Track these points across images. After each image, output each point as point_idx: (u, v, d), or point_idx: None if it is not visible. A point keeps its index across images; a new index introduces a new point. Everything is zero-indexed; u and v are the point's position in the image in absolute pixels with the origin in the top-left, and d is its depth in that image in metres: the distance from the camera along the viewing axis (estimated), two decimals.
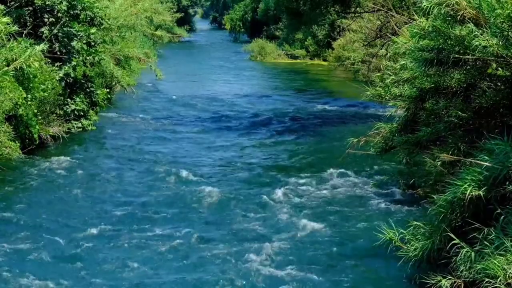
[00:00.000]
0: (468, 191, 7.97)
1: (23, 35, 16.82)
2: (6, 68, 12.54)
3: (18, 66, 12.65)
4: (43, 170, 15.29)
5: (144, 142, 19.23)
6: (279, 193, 13.63)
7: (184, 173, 15.22)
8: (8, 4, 17.69)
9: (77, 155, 17.14)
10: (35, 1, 18.19)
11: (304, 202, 13.11)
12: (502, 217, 7.83)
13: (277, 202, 13.09)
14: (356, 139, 12.71)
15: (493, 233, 7.72)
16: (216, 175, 15.41)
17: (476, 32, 8.47)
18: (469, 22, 8.63)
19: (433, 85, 10.84)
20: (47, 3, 18.23)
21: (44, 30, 18.21)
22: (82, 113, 19.61)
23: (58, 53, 18.50)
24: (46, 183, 14.35)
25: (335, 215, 12.33)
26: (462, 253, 7.91)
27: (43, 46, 13.90)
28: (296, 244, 10.84)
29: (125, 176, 15.21)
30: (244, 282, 9.40)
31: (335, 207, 12.78)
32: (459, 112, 10.30)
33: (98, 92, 20.63)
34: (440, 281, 7.93)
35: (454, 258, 8.03)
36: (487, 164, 8.01)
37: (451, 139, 10.36)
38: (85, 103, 19.75)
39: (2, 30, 12.88)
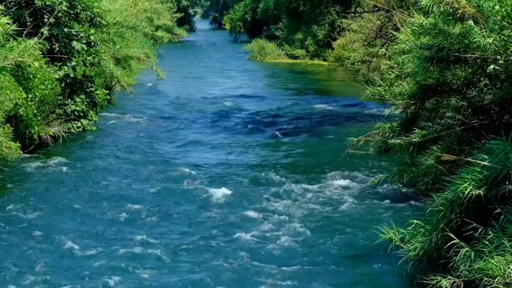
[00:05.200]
0: (468, 190, 7.97)
1: (23, 35, 16.84)
2: (2, 64, 12.53)
3: (14, 62, 12.62)
4: (43, 170, 15.29)
5: (144, 142, 19.23)
6: (278, 192, 13.63)
7: (184, 173, 15.23)
8: (8, 4, 17.69)
9: (77, 155, 17.14)
10: (35, 2, 18.20)
11: (303, 202, 13.10)
12: (502, 216, 7.83)
13: (276, 201, 13.08)
14: (356, 139, 12.71)
15: (493, 232, 7.71)
16: (216, 175, 15.40)
17: (475, 30, 8.48)
18: (469, 20, 8.64)
19: (434, 82, 10.86)
20: (47, 3, 18.24)
21: (44, 30, 18.22)
22: (82, 113, 19.60)
23: (58, 53, 18.52)
24: (46, 183, 14.34)
25: (334, 215, 12.33)
26: (461, 252, 7.90)
27: (36, 40, 13.88)
28: (295, 243, 10.83)
29: (125, 177, 15.20)
30: (243, 282, 9.40)
31: (335, 207, 12.78)
32: (455, 114, 10.31)
33: (98, 92, 20.63)
34: (440, 281, 7.92)
35: (454, 257, 8.02)
36: (486, 163, 8.01)
37: (450, 138, 10.37)
38: (85, 103, 19.74)
39: (1, 31, 12.90)
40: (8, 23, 13.29)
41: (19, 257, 10.17)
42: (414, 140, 10.88)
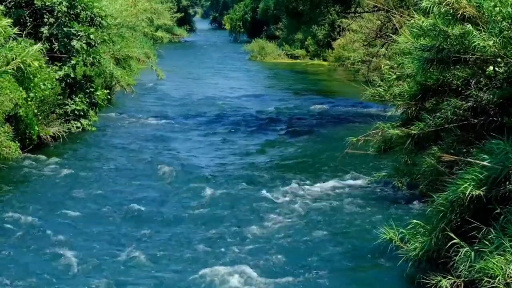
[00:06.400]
0: (469, 190, 7.97)
1: (23, 35, 16.84)
2: (5, 68, 12.55)
3: (16, 66, 12.64)
4: (43, 170, 15.29)
5: (144, 142, 19.22)
6: (277, 193, 13.63)
7: (183, 173, 15.24)
8: (8, 4, 17.70)
9: (77, 155, 17.14)
10: (34, 2, 18.20)
11: (303, 202, 13.10)
12: (502, 216, 7.83)
13: (276, 202, 13.08)
14: (355, 139, 12.70)
15: (493, 232, 7.71)
16: (216, 175, 15.39)
17: (474, 32, 8.48)
18: (469, 21, 8.64)
19: (434, 82, 10.86)
20: (47, 3, 18.23)
21: (44, 30, 18.22)
22: (82, 113, 19.59)
23: (58, 53, 18.52)
24: (45, 183, 14.34)
25: (334, 215, 12.32)
26: (461, 252, 7.89)
27: (40, 46, 13.91)
28: (295, 244, 10.83)
29: (125, 177, 15.20)
30: (242, 283, 9.39)
31: (334, 207, 12.77)
32: (456, 110, 10.31)
33: (98, 92, 20.63)
34: (440, 281, 7.91)
35: (454, 257, 8.01)
36: (486, 164, 8.01)
37: (450, 138, 10.36)
38: (85, 103, 19.74)
39: (2, 32, 12.89)
40: (10, 26, 13.28)
41: (17, 258, 10.16)
42: (413, 132, 10.85)
